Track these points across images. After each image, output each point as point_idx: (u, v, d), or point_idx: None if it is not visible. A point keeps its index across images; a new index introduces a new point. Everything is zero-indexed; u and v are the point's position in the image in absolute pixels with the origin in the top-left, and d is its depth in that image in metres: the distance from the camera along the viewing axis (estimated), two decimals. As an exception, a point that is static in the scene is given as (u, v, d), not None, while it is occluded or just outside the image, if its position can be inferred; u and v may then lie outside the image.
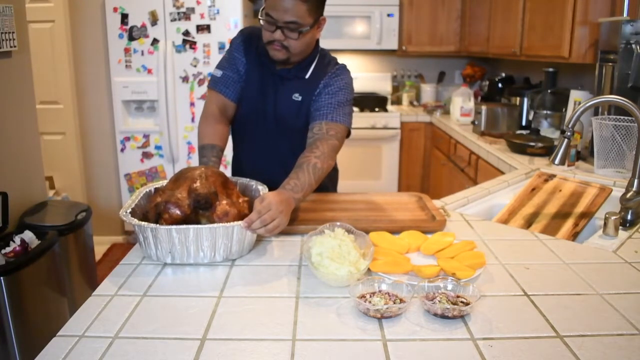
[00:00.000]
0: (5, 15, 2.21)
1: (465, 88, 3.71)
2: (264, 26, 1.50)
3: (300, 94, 1.61)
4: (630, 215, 1.53)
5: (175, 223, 1.22)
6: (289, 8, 1.43)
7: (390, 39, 4.13)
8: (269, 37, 1.50)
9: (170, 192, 1.27)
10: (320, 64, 1.63)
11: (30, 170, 2.47)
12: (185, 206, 1.24)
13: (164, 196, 1.26)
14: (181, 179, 1.29)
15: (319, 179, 1.44)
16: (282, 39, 1.48)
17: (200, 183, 1.27)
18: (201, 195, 1.25)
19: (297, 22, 1.45)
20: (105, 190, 3.88)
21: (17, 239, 2.07)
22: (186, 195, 1.25)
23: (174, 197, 1.25)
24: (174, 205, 1.24)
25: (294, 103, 1.61)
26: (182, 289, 1.09)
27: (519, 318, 0.97)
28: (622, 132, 1.93)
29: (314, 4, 1.46)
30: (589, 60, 2.48)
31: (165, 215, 1.23)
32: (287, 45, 1.49)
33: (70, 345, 0.88)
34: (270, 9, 1.46)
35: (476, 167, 2.90)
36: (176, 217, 1.23)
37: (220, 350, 0.86)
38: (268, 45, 1.52)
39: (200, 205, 1.26)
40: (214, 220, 1.24)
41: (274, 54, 1.53)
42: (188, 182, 1.28)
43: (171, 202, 1.24)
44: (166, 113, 3.56)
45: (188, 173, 1.30)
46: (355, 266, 1.09)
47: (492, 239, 1.37)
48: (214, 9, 3.46)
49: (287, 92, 1.61)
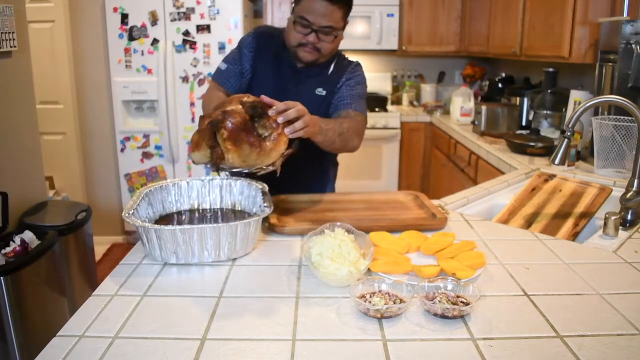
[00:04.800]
0: (5, 15, 2.21)
1: (465, 88, 3.71)
2: (296, 29, 1.54)
3: (324, 89, 1.66)
4: (630, 215, 1.53)
5: (235, 132, 1.18)
6: (327, 13, 1.49)
7: (390, 39, 4.13)
8: (301, 40, 1.55)
9: (215, 113, 1.23)
10: (339, 61, 1.70)
11: (30, 170, 2.47)
12: (243, 113, 1.22)
13: (215, 114, 1.22)
14: (225, 102, 1.27)
15: (342, 136, 1.50)
16: (316, 42, 1.54)
17: (248, 97, 1.26)
18: (256, 101, 1.24)
19: (332, 26, 1.53)
20: (105, 190, 3.88)
21: (17, 239, 2.07)
22: (238, 107, 1.23)
23: (228, 109, 1.21)
24: (231, 115, 1.20)
25: (318, 97, 1.66)
26: (182, 289, 1.09)
27: (519, 318, 0.97)
28: (622, 132, 1.93)
29: (347, 9, 1.55)
30: (589, 60, 2.48)
31: (226, 124, 1.18)
32: (320, 48, 1.56)
33: (70, 345, 0.88)
34: (306, 13, 1.51)
35: (476, 167, 2.90)
36: (237, 123, 1.19)
37: (220, 350, 0.86)
38: (298, 47, 1.57)
39: (256, 112, 1.23)
40: (271, 127, 1.23)
41: (305, 56, 1.58)
42: (235, 99, 1.26)
43: (227, 112, 1.20)
44: (166, 113, 3.56)
45: (230, 96, 1.30)
46: (355, 266, 1.09)
47: (492, 239, 1.37)
48: (214, 9, 3.46)
49: (310, 87, 1.66)
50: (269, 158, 1.25)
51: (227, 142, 1.20)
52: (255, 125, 1.25)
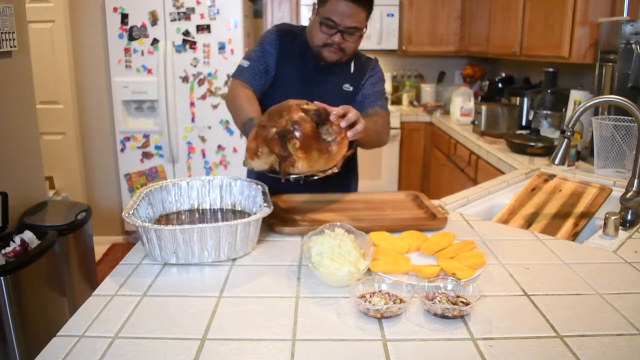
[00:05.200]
0: (5, 15, 2.21)
1: (465, 88, 3.71)
2: (322, 29, 1.57)
3: (350, 85, 1.72)
4: (630, 215, 1.53)
5: (306, 140, 1.23)
6: (352, 14, 1.53)
7: (390, 39, 4.13)
8: (326, 40, 1.59)
9: (284, 119, 1.26)
10: (358, 59, 1.74)
11: (30, 170, 2.47)
12: (309, 120, 1.25)
13: (279, 124, 1.25)
14: (283, 109, 1.29)
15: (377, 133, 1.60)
16: (341, 42, 1.58)
17: (308, 104, 1.29)
18: (320, 108, 1.28)
19: (357, 27, 1.56)
20: (105, 190, 3.88)
21: (17, 239, 2.07)
22: (303, 115, 1.26)
23: (292, 119, 1.24)
24: (300, 124, 1.24)
25: (346, 93, 1.71)
26: (182, 289, 1.09)
27: (519, 318, 0.97)
28: (622, 132, 1.93)
29: (370, 10, 1.58)
30: (589, 60, 2.48)
31: (296, 134, 1.22)
32: (344, 47, 1.59)
33: (70, 345, 0.88)
34: (332, 14, 1.54)
35: (476, 167, 2.90)
36: (307, 132, 1.23)
37: (220, 350, 0.86)
38: (323, 47, 1.61)
39: (321, 119, 1.28)
40: (334, 132, 1.28)
41: (329, 56, 1.62)
42: (295, 107, 1.28)
43: (297, 122, 1.23)
44: (166, 113, 3.56)
45: (288, 103, 1.31)
46: (355, 266, 1.09)
47: (492, 239, 1.37)
48: (214, 9, 3.46)
49: (337, 84, 1.71)
50: (334, 161, 1.32)
51: (299, 150, 1.24)
52: (320, 132, 1.30)
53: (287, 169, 1.27)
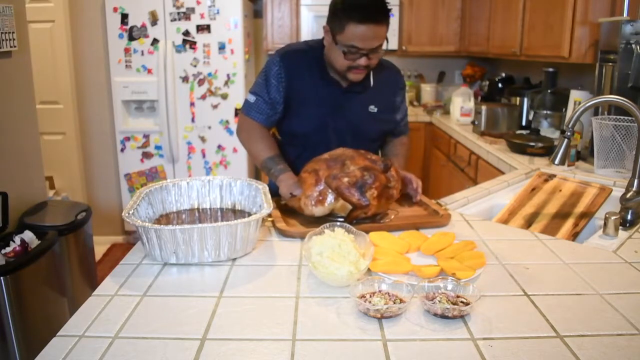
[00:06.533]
0: (5, 15, 2.21)
1: (465, 88, 3.70)
2: (346, 57, 1.52)
3: (375, 106, 1.69)
4: (630, 215, 1.53)
5: (381, 189, 1.38)
6: (376, 35, 1.49)
7: (390, 38, 4.10)
8: (351, 64, 1.54)
9: (354, 168, 1.39)
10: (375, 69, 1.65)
11: (30, 170, 2.47)
12: (380, 170, 1.41)
13: (352, 174, 1.37)
14: (344, 158, 1.42)
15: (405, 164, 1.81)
16: (367, 64, 1.53)
17: (370, 155, 1.46)
18: (386, 160, 1.45)
19: (381, 44, 1.54)
20: (105, 190, 3.88)
21: (17, 239, 2.07)
22: (371, 165, 1.40)
23: (367, 174, 1.37)
24: (375, 175, 1.37)
25: (371, 115, 1.69)
26: (182, 289, 1.09)
27: (519, 318, 0.97)
28: (622, 132, 1.93)
29: (389, 21, 1.55)
30: (589, 60, 2.48)
31: (375, 184, 1.36)
32: (369, 65, 1.55)
33: (70, 345, 0.88)
34: (355, 41, 1.48)
35: (476, 167, 2.90)
36: (382, 182, 1.39)
37: (220, 350, 0.86)
38: (348, 71, 1.56)
39: (387, 169, 1.43)
40: (394, 179, 1.44)
41: (355, 77, 1.58)
42: (360, 157, 1.43)
43: (374, 175, 1.37)
44: (166, 113, 3.56)
45: (347, 152, 1.45)
46: (355, 266, 1.09)
47: (492, 239, 1.37)
48: (214, 9, 3.46)
49: (362, 105, 1.67)
50: (391, 204, 1.48)
51: (375, 199, 1.37)
52: (390, 180, 1.44)
53: (359, 215, 1.38)
